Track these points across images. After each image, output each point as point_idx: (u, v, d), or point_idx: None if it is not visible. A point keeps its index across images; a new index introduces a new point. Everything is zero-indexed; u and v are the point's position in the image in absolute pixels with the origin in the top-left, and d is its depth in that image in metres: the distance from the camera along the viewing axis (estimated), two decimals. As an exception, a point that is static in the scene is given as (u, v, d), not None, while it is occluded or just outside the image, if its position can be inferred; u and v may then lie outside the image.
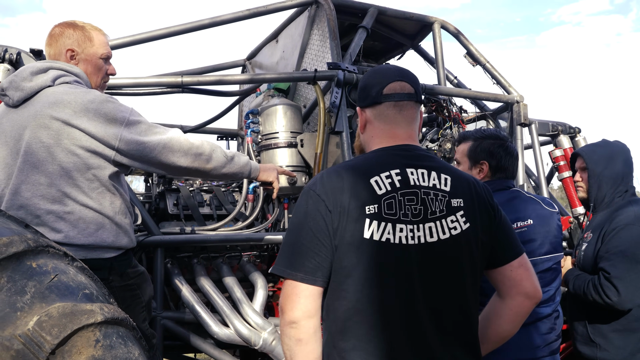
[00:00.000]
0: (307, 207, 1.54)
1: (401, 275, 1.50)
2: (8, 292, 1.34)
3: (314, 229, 1.50)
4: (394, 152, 1.62)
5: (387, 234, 1.49)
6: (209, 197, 3.67)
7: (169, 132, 2.22)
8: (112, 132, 2.07)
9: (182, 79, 3.19)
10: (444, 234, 1.53)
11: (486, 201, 1.64)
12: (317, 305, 1.50)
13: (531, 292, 1.66)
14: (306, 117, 3.74)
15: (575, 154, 2.98)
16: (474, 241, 1.57)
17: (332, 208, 1.50)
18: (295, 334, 1.48)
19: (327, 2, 3.72)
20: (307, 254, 1.49)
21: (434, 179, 1.57)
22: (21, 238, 1.43)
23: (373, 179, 1.53)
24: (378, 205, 1.50)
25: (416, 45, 4.69)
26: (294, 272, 1.49)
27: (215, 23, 3.54)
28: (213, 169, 2.29)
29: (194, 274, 3.27)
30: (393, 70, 1.71)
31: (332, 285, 1.52)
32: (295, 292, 1.49)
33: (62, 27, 2.24)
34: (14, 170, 2.07)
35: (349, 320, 1.50)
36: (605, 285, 2.41)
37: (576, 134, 4.93)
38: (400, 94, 1.65)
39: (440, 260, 1.53)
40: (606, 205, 2.72)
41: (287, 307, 1.50)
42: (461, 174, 1.66)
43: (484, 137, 2.48)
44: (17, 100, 2.09)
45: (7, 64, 2.84)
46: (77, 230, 2.07)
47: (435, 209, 1.54)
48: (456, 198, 1.57)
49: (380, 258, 1.49)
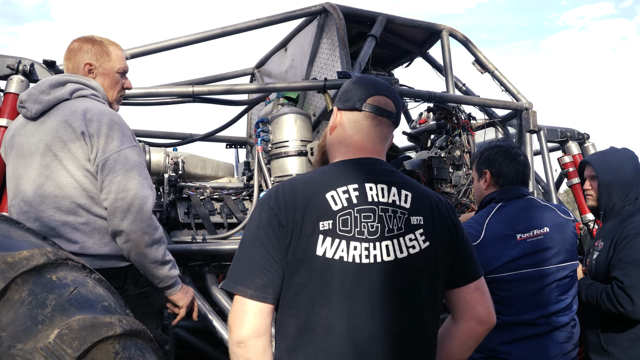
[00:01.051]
0: (259, 220, 1.48)
1: (354, 294, 1.44)
2: (29, 305, 1.36)
3: (266, 243, 1.45)
4: (353, 166, 1.56)
5: (341, 252, 1.43)
6: (220, 205, 3.69)
7: (145, 189, 2.11)
8: (101, 152, 2.06)
9: (193, 88, 3.22)
10: (401, 252, 1.47)
11: (448, 219, 1.58)
12: (266, 323, 1.44)
13: (484, 317, 1.60)
14: (316, 125, 3.76)
15: (583, 162, 2.98)
16: (433, 261, 1.52)
17: (285, 223, 1.44)
18: (243, 353, 1.42)
19: (336, 11, 3.74)
20: (258, 270, 1.44)
21: (393, 195, 1.52)
22: (41, 251, 1.45)
23: (329, 194, 1.47)
24: (333, 221, 1.44)
25: (424, 52, 4.71)
26: (244, 289, 1.43)
27: (226, 33, 3.56)
28: (142, 254, 2.08)
29: (205, 282, 3.28)
30: (382, 85, 1.67)
31: (283, 301, 1.47)
32: (244, 310, 1.43)
33: (81, 41, 2.28)
34: (26, 180, 2.11)
35: (299, 338, 1.45)
36: (619, 294, 2.41)
37: (585, 140, 4.94)
38: (383, 109, 1.61)
39: (397, 280, 1.47)
40: (616, 214, 2.71)
41: (234, 326, 1.44)
42: (423, 190, 1.60)
43: (485, 149, 2.53)
44: (35, 112, 2.12)
45: (21, 75, 2.87)
46: (92, 240, 2.10)
47: (393, 227, 1.48)
48: (416, 215, 1.52)
49: (332, 276, 1.43)
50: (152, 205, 2.13)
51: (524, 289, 2.27)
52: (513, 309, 2.26)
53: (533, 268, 2.28)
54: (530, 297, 2.27)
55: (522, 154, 2.55)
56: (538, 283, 2.28)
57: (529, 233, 2.31)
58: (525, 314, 2.26)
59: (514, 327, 2.25)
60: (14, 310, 1.33)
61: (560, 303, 2.32)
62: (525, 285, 2.27)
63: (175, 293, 2.28)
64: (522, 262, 2.27)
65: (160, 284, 2.20)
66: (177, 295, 2.28)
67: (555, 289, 2.31)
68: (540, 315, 2.27)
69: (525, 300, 2.27)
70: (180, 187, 3.67)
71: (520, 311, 2.26)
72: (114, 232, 2.06)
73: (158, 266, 2.14)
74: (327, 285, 1.43)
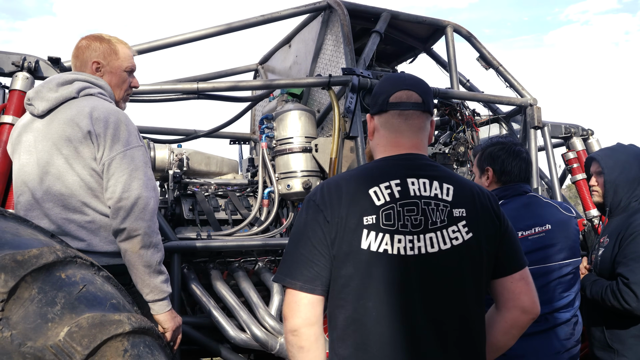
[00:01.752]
0: (306, 217, 1.56)
1: (399, 286, 1.49)
2: (39, 303, 1.37)
3: (313, 238, 1.52)
4: (395, 162, 1.62)
5: (385, 245, 1.49)
6: (224, 202, 3.70)
7: (149, 190, 2.11)
8: (107, 152, 2.07)
9: (198, 85, 3.22)
10: (444, 244, 1.52)
11: (491, 210, 1.62)
12: (317, 313, 1.52)
13: (529, 306, 1.64)
14: (320, 121, 3.76)
15: (590, 158, 2.98)
16: (477, 251, 1.56)
17: (330, 218, 1.51)
18: (297, 341, 1.51)
19: (340, 7, 3.73)
20: (305, 264, 1.51)
21: (435, 189, 1.56)
22: (50, 249, 1.46)
23: (372, 190, 1.53)
24: (376, 216, 1.50)
25: (428, 48, 4.70)
26: (293, 281, 1.51)
27: (231, 29, 3.56)
28: (138, 254, 2.05)
29: (210, 278, 3.29)
30: (403, 79, 1.71)
31: (332, 294, 1.54)
32: (295, 301, 1.52)
33: (89, 40, 2.28)
34: (33, 178, 2.11)
35: (348, 329, 1.51)
36: (624, 291, 2.40)
37: (589, 136, 4.93)
38: (406, 102, 1.65)
39: (441, 271, 1.52)
40: (622, 210, 2.71)
41: (288, 315, 1.53)
42: (466, 183, 1.64)
43: (488, 146, 2.52)
44: (42, 110, 2.13)
45: (26, 72, 2.88)
46: (98, 238, 2.12)
47: (435, 219, 1.53)
48: (458, 208, 1.56)
49: (377, 268, 1.49)
50: (155, 207, 2.14)
51: None
52: None
53: (536, 265, 2.28)
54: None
55: (525, 150, 2.55)
56: (541, 280, 2.28)
57: (531, 230, 2.31)
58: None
59: None
60: (24, 308, 1.34)
61: (563, 299, 2.32)
62: None
63: (163, 312, 2.14)
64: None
65: (149, 294, 2.09)
66: (164, 316, 2.14)
67: (558, 286, 2.32)
68: (543, 312, 2.27)
69: None
70: (185, 183, 3.68)
71: None
72: (115, 231, 2.06)
73: (151, 273, 2.07)
74: (372, 278, 1.49)
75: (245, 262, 3.48)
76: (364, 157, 3.32)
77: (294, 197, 3.55)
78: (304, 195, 3.50)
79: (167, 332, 2.16)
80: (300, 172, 3.48)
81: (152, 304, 2.12)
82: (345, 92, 3.40)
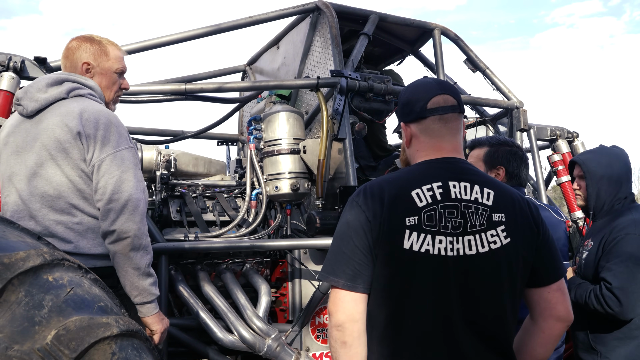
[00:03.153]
0: (349, 217, 1.59)
1: (438, 286, 1.52)
2: (26, 306, 1.36)
3: (355, 238, 1.55)
4: (437, 165, 1.64)
5: (427, 245, 1.51)
6: (212, 203, 3.69)
7: (139, 192, 2.11)
8: (97, 154, 2.06)
9: (186, 86, 3.21)
10: (483, 247, 1.54)
11: (530, 217, 1.64)
12: (360, 310, 1.55)
13: (564, 315, 1.67)
14: (308, 123, 3.76)
15: (572, 161, 2.99)
16: (514, 257, 1.58)
17: (372, 219, 1.54)
18: (341, 336, 1.54)
19: (329, 9, 3.74)
20: (347, 262, 1.55)
21: (476, 193, 1.58)
22: (37, 252, 1.45)
23: (414, 192, 1.55)
24: (418, 217, 1.53)
25: (416, 50, 4.72)
26: (336, 279, 1.56)
27: (219, 30, 3.55)
28: (127, 257, 2.04)
29: (198, 280, 3.28)
30: (434, 84, 1.73)
31: (374, 292, 1.57)
32: (339, 297, 1.56)
33: (80, 40, 2.27)
34: (21, 179, 2.10)
35: (388, 327, 1.55)
36: (607, 295, 2.43)
37: (574, 138, 4.98)
38: (445, 107, 1.67)
39: (479, 273, 1.55)
40: (606, 213, 2.72)
41: (332, 311, 1.57)
42: (505, 189, 1.66)
43: (500, 144, 2.51)
44: (31, 110, 2.11)
45: (12, 71, 2.85)
46: (86, 240, 2.10)
47: (475, 223, 1.55)
48: (498, 212, 1.58)
49: (418, 268, 1.52)
50: (145, 209, 2.13)
51: None
52: None
53: None
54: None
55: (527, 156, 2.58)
56: None
57: None
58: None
59: None
60: (11, 311, 1.33)
61: None
62: None
63: (151, 315, 2.13)
64: None
65: (138, 297, 2.08)
66: (152, 319, 2.13)
67: None
68: None
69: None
70: (172, 184, 3.66)
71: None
72: (104, 233, 2.05)
73: (140, 275, 2.07)
74: (414, 277, 1.52)
75: (233, 263, 3.48)
76: (352, 159, 3.33)
77: (282, 199, 3.55)
78: (292, 197, 3.50)
79: (155, 335, 2.16)
80: (288, 174, 3.48)
81: (140, 307, 2.11)
82: (333, 94, 3.40)
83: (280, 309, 3.58)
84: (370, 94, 3.56)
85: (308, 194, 3.56)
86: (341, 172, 3.39)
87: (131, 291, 2.08)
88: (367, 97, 3.58)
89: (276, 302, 3.59)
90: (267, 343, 3.03)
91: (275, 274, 3.68)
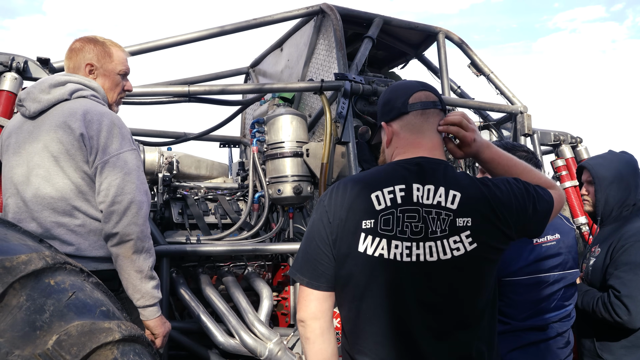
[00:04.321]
0: (315, 217, 1.63)
1: (393, 290, 1.52)
2: (27, 311, 1.33)
3: (317, 238, 1.59)
4: (405, 166, 1.61)
5: (381, 249, 1.51)
6: (214, 205, 3.67)
7: (142, 194, 2.09)
8: (100, 155, 2.05)
9: (189, 88, 3.20)
10: (445, 254, 1.50)
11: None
12: (324, 308, 1.60)
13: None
14: (311, 126, 3.74)
15: (581, 166, 2.97)
16: (480, 260, 1.53)
17: (332, 220, 1.57)
18: (304, 332, 1.60)
19: (333, 12, 3.72)
20: (311, 262, 1.60)
21: (440, 196, 1.53)
22: (39, 255, 1.42)
23: (374, 194, 1.55)
24: (375, 220, 1.52)
25: (420, 54, 4.71)
26: (302, 277, 1.61)
27: (224, 32, 3.54)
28: (130, 260, 2.03)
29: (199, 283, 3.26)
30: (415, 83, 1.74)
31: (335, 291, 1.62)
32: (304, 295, 1.62)
33: (83, 42, 2.26)
34: (23, 180, 2.08)
35: (348, 324, 1.60)
36: (615, 303, 2.41)
37: (577, 143, 4.97)
38: (426, 102, 1.67)
39: (439, 280, 1.51)
40: (614, 219, 2.70)
41: (298, 307, 1.63)
42: (476, 191, 1.55)
43: (515, 148, 2.49)
44: (33, 111, 2.10)
45: (14, 72, 2.84)
46: (87, 242, 2.09)
47: (436, 229, 1.51)
48: (463, 217, 1.51)
49: (372, 272, 1.53)
50: (148, 211, 2.12)
51: (537, 294, 2.27)
52: (524, 314, 2.26)
53: (547, 273, 2.29)
54: (541, 302, 2.27)
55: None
56: (550, 288, 2.29)
57: (543, 238, 2.31)
58: (536, 318, 2.27)
59: (522, 333, 2.25)
60: (12, 315, 1.31)
61: (566, 309, 2.34)
62: (538, 289, 2.27)
63: (154, 318, 2.11)
64: (537, 266, 2.28)
65: (140, 300, 2.06)
66: (155, 322, 2.11)
67: (562, 295, 2.33)
68: (550, 321, 2.29)
69: (537, 304, 2.27)
70: (175, 187, 3.65)
71: (531, 315, 2.26)
72: (107, 235, 2.04)
73: (142, 278, 2.05)
74: (368, 280, 1.53)
75: (234, 266, 3.46)
76: (355, 162, 3.31)
77: (284, 202, 3.53)
78: (294, 200, 3.48)
79: (157, 338, 2.14)
80: (291, 177, 3.46)
81: (143, 310, 2.09)
82: (337, 97, 3.39)
83: (282, 312, 3.56)
84: (374, 97, 3.55)
85: (311, 197, 3.54)
86: (344, 175, 3.37)
87: (133, 294, 2.06)
88: (371, 101, 3.57)
89: (278, 306, 3.58)
90: (269, 347, 3.00)
91: (277, 278, 3.67)
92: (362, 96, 3.49)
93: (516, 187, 1.61)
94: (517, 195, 1.59)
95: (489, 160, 1.72)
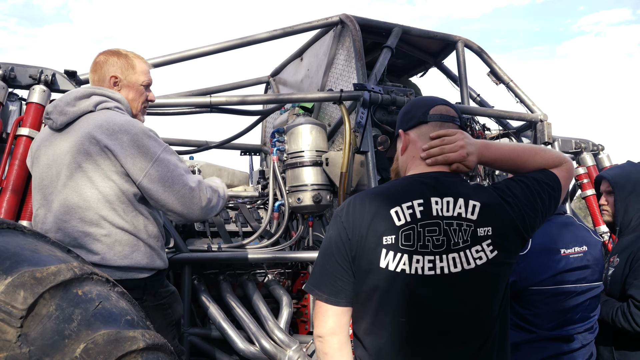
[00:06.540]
0: (332, 232, 1.64)
1: (415, 304, 1.53)
2: (57, 320, 1.39)
3: (336, 254, 1.60)
4: (422, 180, 1.63)
5: (403, 265, 1.52)
6: (235, 214, 3.73)
7: (194, 180, 2.24)
8: (140, 166, 2.11)
9: (211, 99, 3.26)
10: (468, 264, 1.53)
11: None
12: (342, 323, 1.60)
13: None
14: (331, 135, 3.78)
15: (599, 177, 2.96)
16: (501, 267, 1.57)
17: (352, 236, 1.57)
18: (322, 347, 1.60)
19: (352, 22, 3.76)
20: (330, 277, 1.60)
21: (459, 208, 1.56)
22: (68, 266, 1.48)
23: (394, 210, 1.56)
24: (395, 236, 1.53)
25: (439, 63, 4.72)
26: (320, 293, 1.61)
27: (246, 43, 3.60)
28: (206, 208, 2.28)
29: (220, 290, 3.32)
30: (438, 98, 1.78)
31: (355, 305, 1.61)
32: (322, 311, 1.61)
33: (107, 55, 2.32)
34: (52, 191, 2.14)
35: (366, 338, 1.59)
36: (635, 313, 2.40)
37: (599, 151, 4.93)
38: (446, 115, 1.71)
39: (464, 291, 1.54)
40: (633, 229, 2.69)
41: (316, 323, 1.63)
42: (493, 199, 1.60)
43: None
44: (60, 124, 2.16)
45: (43, 85, 2.92)
46: (113, 252, 2.13)
47: (458, 240, 1.53)
48: (483, 226, 1.55)
49: (394, 287, 1.52)
50: (207, 186, 2.29)
51: (563, 304, 2.28)
52: (550, 323, 2.27)
53: (574, 284, 2.30)
54: (568, 312, 2.28)
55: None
56: (576, 299, 2.30)
57: (571, 249, 2.33)
58: (563, 329, 2.28)
59: (547, 343, 2.27)
60: (42, 324, 1.36)
61: (590, 320, 2.34)
62: (565, 300, 2.28)
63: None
64: (565, 276, 2.29)
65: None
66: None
67: (588, 307, 2.34)
68: (575, 332, 2.30)
69: (563, 315, 2.28)
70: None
71: (557, 326, 2.27)
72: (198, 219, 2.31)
73: (212, 198, 2.30)
74: (390, 295, 1.54)
75: (254, 274, 3.50)
76: (374, 172, 3.34)
77: (304, 211, 3.57)
78: (314, 209, 3.52)
79: None
80: (310, 186, 3.50)
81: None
82: (356, 107, 3.42)
83: (302, 320, 3.60)
84: (392, 107, 3.57)
85: (330, 206, 3.57)
86: (363, 184, 3.40)
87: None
88: (390, 110, 3.59)
89: (297, 314, 3.61)
90: (288, 354, 3.04)
91: (297, 285, 3.70)
92: (380, 106, 3.52)
93: (527, 188, 1.65)
94: (529, 196, 1.63)
95: (494, 161, 1.73)
